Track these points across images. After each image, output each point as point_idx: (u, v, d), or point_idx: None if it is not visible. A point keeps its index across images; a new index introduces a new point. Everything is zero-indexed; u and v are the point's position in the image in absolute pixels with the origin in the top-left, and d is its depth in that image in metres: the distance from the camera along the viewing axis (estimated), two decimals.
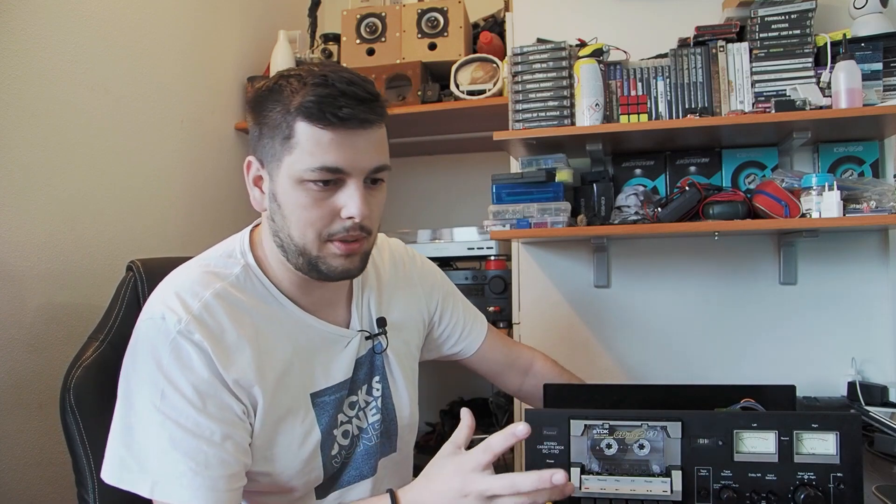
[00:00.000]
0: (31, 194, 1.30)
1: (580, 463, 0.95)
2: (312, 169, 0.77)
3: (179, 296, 0.81)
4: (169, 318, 0.79)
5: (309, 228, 0.80)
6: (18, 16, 1.28)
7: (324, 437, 0.87)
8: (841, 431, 0.90)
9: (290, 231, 0.81)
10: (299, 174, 0.78)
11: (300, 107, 0.76)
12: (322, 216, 0.80)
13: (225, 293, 0.83)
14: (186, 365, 0.77)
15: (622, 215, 1.49)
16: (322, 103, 0.75)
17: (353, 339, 0.93)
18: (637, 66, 1.54)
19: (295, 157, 0.78)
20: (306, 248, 0.81)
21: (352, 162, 0.78)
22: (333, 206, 0.80)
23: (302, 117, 0.77)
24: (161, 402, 0.76)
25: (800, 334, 1.57)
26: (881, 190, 1.31)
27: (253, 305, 0.85)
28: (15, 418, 1.24)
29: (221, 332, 0.80)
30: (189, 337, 0.78)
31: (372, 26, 1.99)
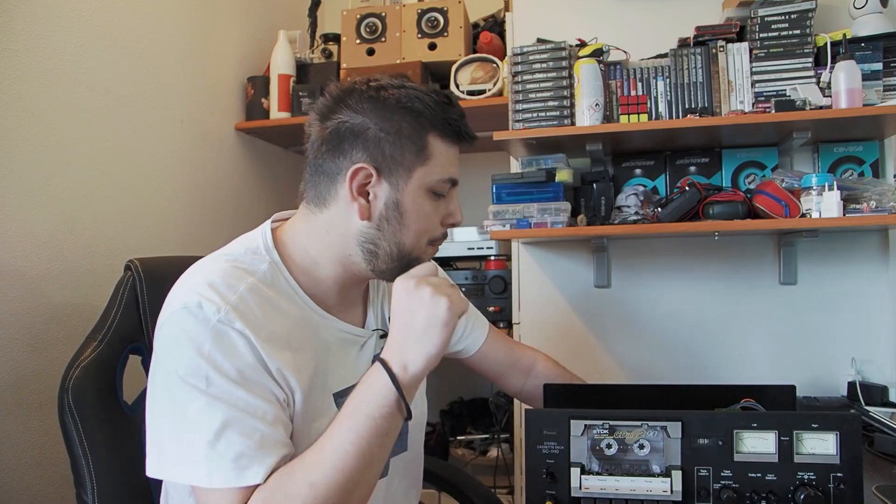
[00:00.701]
0: (31, 194, 1.30)
1: (580, 463, 0.95)
2: (444, 180, 0.86)
3: (214, 286, 0.79)
4: (207, 307, 0.76)
5: (424, 234, 0.87)
6: (18, 16, 1.29)
7: None
8: (841, 431, 0.90)
9: (403, 238, 0.85)
10: (431, 184, 0.85)
11: (438, 123, 0.85)
12: (436, 223, 0.88)
13: (256, 289, 0.82)
14: (230, 350, 0.76)
15: (622, 215, 1.49)
16: (457, 122, 0.86)
17: (370, 339, 0.94)
18: (637, 66, 1.54)
19: (429, 168, 0.85)
20: (413, 252, 0.87)
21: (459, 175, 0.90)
22: (443, 213, 0.89)
23: (438, 133, 0.85)
24: (208, 387, 0.74)
25: (800, 334, 1.57)
26: (881, 190, 1.31)
27: (280, 303, 0.84)
28: (15, 418, 1.24)
29: (258, 324, 0.79)
30: (230, 325, 0.76)
31: (372, 26, 1.99)
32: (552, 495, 0.95)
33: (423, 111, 0.83)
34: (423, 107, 0.83)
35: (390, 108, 0.82)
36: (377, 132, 0.82)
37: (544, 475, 0.96)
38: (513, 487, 1.75)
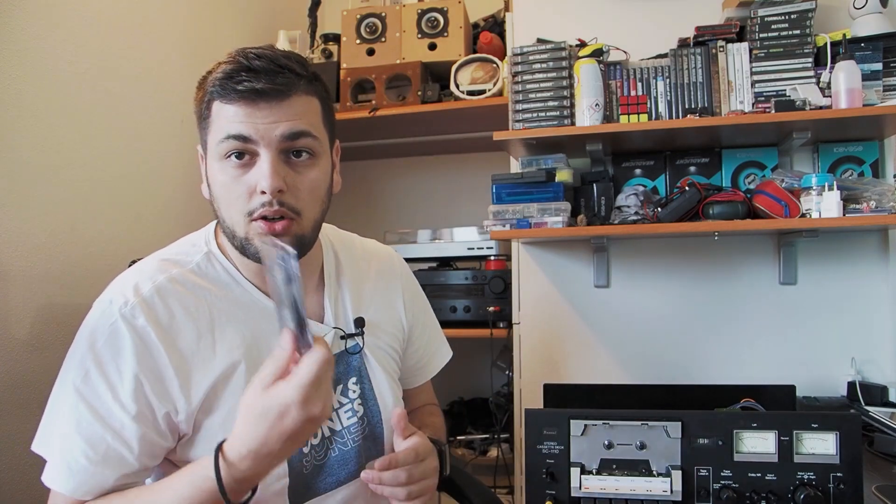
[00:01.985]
0: (31, 194, 1.30)
1: (580, 463, 0.95)
2: (220, 140, 0.78)
3: (132, 281, 0.82)
4: (115, 302, 0.80)
5: (232, 208, 0.80)
6: (18, 16, 1.28)
7: None
8: (841, 431, 0.90)
9: (222, 213, 0.82)
10: (216, 150, 0.80)
11: (211, 86, 0.79)
12: (241, 193, 0.79)
13: (181, 278, 0.84)
14: (119, 350, 0.77)
15: (622, 215, 1.49)
16: (226, 79, 0.78)
17: (327, 336, 0.91)
18: (637, 66, 1.54)
19: (212, 134, 0.81)
20: (235, 228, 0.81)
21: (257, 130, 0.77)
22: (249, 182, 0.79)
23: (213, 96, 0.79)
24: (81, 383, 0.77)
25: (800, 334, 1.57)
26: (881, 190, 1.31)
27: (212, 291, 0.84)
28: (15, 418, 1.24)
29: (170, 316, 0.80)
30: (131, 321, 0.78)
31: (372, 26, 1.99)
32: (552, 495, 0.95)
33: (207, 82, 0.81)
34: (208, 77, 0.81)
35: (197, 90, 0.84)
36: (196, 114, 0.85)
37: (544, 475, 0.96)
38: (513, 487, 1.75)
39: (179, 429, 0.81)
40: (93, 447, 0.75)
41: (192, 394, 0.80)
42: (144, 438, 0.77)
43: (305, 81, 0.81)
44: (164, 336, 0.79)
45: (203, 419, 0.81)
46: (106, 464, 0.76)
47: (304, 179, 0.81)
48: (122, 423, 0.76)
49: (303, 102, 0.81)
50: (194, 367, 0.81)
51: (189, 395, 0.80)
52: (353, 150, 2.29)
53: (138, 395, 0.77)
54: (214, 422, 0.81)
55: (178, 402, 0.79)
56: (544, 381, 1.35)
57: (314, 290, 0.94)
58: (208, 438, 0.81)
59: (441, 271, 1.94)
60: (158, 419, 0.79)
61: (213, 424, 0.81)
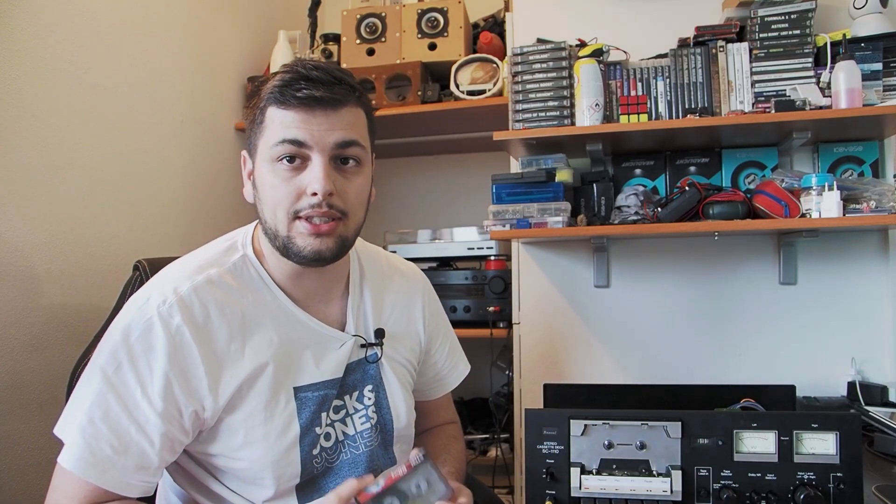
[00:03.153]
0: (31, 194, 1.30)
1: (580, 463, 0.95)
2: (276, 143, 0.81)
3: (171, 281, 0.84)
4: (153, 300, 0.82)
5: (278, 207, 0.83)
6: (18, 16, 1.29)
7: (304, 433, 0.87)
8: (841, 431, 0.90)
9: (265, 213, 0.85)
10: (269, 152, 0.82)
11: (268, 93, 0.83)
12: (289, 194, 0.82)
13: (217, 279, 0.86)
14: (152, 347, 0.79)
15: (622, 215, 1.49)
16: (284, 86, 0.81)
17: (347, 343, 0.93)
18: (637, 66, 1.54)
19: (265, 138, 0.83)
20: (278, 227, 0.83)
21: (312, 136, 0.81)
22: (299, 184, 0.82)
23: (271, 103, 0.83)
24: (113, 373, 0.78)
25: (800, 334, 1.57)
26: (881, 190, 1.31)
27: (244, 293, 0.87)
28: (15, 418, 1.24)
29: (206, 316, 0.82)
30: (167, 320, 0.80)
31: (372, 26, 1.99)
32: (552, 495, 0.95)
33: (263, 88, 0.84)
34: (265, 82, 0.85)
35: (249, 97, 0.89)
36: (245, 120, 0.88)
37: (544, 475, 0.96)
38: (513, 487, 1.75)
39: (204, 425, 0.83)
40: (118, 437, 0.77)
41: (220, 393, 0.82)
42: (167, 435, 0.79)
43: (356, 94, 0.85)
44: (199, 336, 0.81)
45: (225, 417, 0.84)
46: (128, 455, 0.78)
47: (351, 185, 0.85)
48: (147, 419, 0.78)
49: (354, 114, 0.85)
50: (224, 367, 0.83)
51: (217, 394, 0.82)
52: None
53: (167, 393, 0.79)
54: (236, 419, 0.84)
55: (205, 401, 0.81)
56: (544, 381, 1.35)
57: (339, 298, 0.96)
58: (229, 434, 0.84)
59: (441, 271, 1.94)
60: (185, 417, 0.81)
61: (235, 421, 0.84)
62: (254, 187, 0.87)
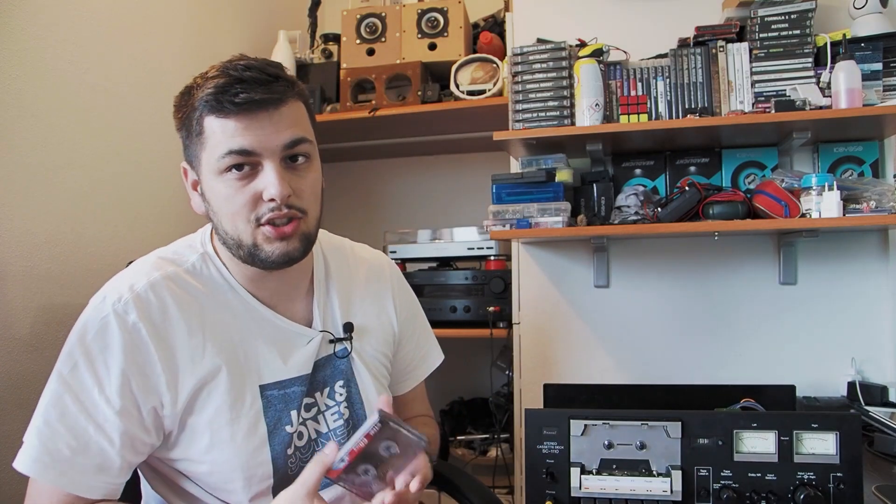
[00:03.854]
0: (31, 194, 1.30)
1: (580, 463, 0.95)
2: (221, 156, 0.78)
3: (128, 278, 0.84)
4: (109, 297, 0.81)
5: (237, 218, 0.81)
6: (18, 16, 1.28)
7: (272, 431, 0.86)
8: (841, 431, 0.90)
9: (224, 225, 0.83)
10: (215, 165, 0.80)
11: (203, 102, 0.79)
12: (245, 203, 0.80)
13: (176, 277, 0.85)
14: (107, 345, 0.79)
15: (622, 215, 1.49)
16: (219, 93, 0.77)
17: (314, 339, 0.92)
18: (637, 66, 1.54)
19: (208, 150, 0.80)
20: (241, 238, 0.82)
21: (259, 142, 0.78)
22: (254, 191, 0.80)
23: (207, 112, 0.79)
24: (69, 374, 0.78)
25: (800, 334, 1.57)
26: (881, 190, 1.31)
27: (205, 292, 0.86)
28: (15, 418, 1.24)
29: (163, 311, 0.82)
30: (123, 317, 0.79)
31: (372, 26, 1.99)
32: (552, 495, 0.95)
33: (194, 94, 0.80)
34: (195, 89, 0.80)
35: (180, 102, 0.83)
36: (178, 129, 0.85)
37: (544, 475, 0.96)
38: (513, 487, 1.75)
39: (164, 425, 0.82)
40: (75, 437, 0.77)
41: (179, 390, 0.81)
42: (127, 433, 0.78)
43: (294, 89, 0.83)
44: (156, 332, 0.80)
45: (187, 419, 0.83)
46: (87, 455, 0.77)
47: (305, 182, 0.84)
48: (105, 417, 0.78)
49: (295, 109, 0.83)
50: (183, 365, 0.82)
51: (176, 391, 0.81)
52: (353, 150, 2.29)
53: (124, 390, 0.78)
54: (198, 422, 0.83)
55: (164, 398, 0.81)
56: (544, 381, 1.35)
57: (304, 295, 0.95)
58: (192, 438, 0.83)
59: (441, 271, 1.94)
60: (144, 414, 0.80)
61: (197, 424, 0.83)
62: (205, 199, 0.84)
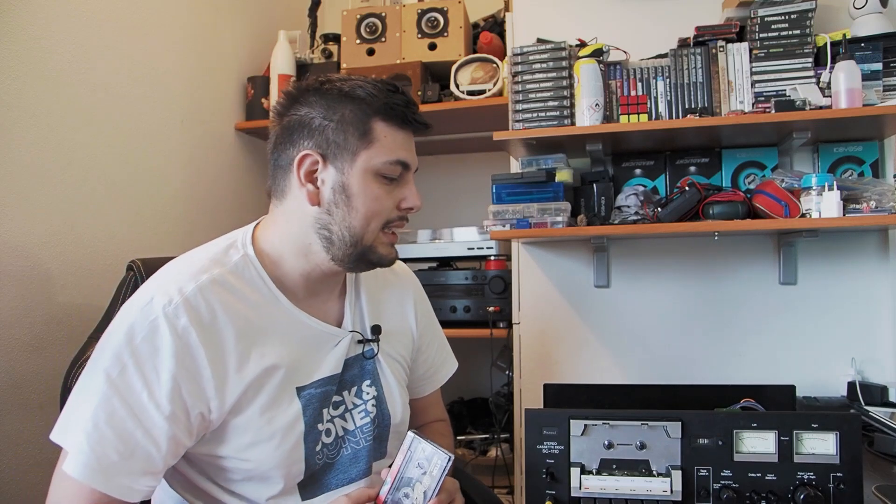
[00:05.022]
0: (31, 194, 1.30)
1: (580, 463, 0.95)
2: (391, 162, 0.87)
3: (175, 281, 0.83)
4: (157, 300, 0.80)
5: (375, 218, 0.87)
6: (18, 16, 1.29)
7: (307, 431, 0.88)
8: (841, 431, 0.90)
9: (353, 222, 0.87)
10: (377, 167, 0.86)
11: (381, 108, 0.86)
12: (389, 207, 0.88)
13: (222, 279, 0.85)
14: (157, 349, 0.78)
15: (622, 215, 1.49)
16: (403, 107, 0.87)
17: (344, 339, 0.94)
18: (637, 66, 1.54)
19: (373, 151, 0.86)
20: (365, 237, 0.87)
21: (413, 160, 0.91)
22: (396, 198, 0.89)
23: (381, 118, 0.86)
24: (118, 377, 0.77)
25: (800, 334, 1.57)
26: (881, 190, 1.31)
27: (248, 295, 0.87)
28: (15, 418, 1.24)
29: (212, 316, 0.82)
30: (173, 321, 0.79)
31: (372, 26, 1.99)
32: (552, 495, 0.95)
33: (365, 97, 0.86)
34: (365, 94, 0.86)
35: (333, 98, 0.87)
36: (321, 121, 0.86)
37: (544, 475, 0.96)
38: (513, 487, 1.75)
39: (209, 427, 0.83)
40: (123, 442, 0.76)
41: (227, 395, 0.82)
42: (174, 439, 0.78)
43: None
44: (206, 337, 0.80)
45: (231, 419, 0.83)
46: (133, 460, 0.76)
47: None
48: (153, 423, 0.77)
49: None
50: (231, 369, 0.82)
51: (224, 395, 0.81)
52: None
53: (174, 395, 0.78)
54: (242, 420, 0.83)
55: (211, 403, 0.81)
56: (544, 381, 1.35)
57: (337, 296, 0.98)
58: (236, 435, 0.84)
59: (441, 271, 1.94)
60: (191, 419, 0.80)
61: (241, 422, 0.83)
62: (341, 193, 0.86)
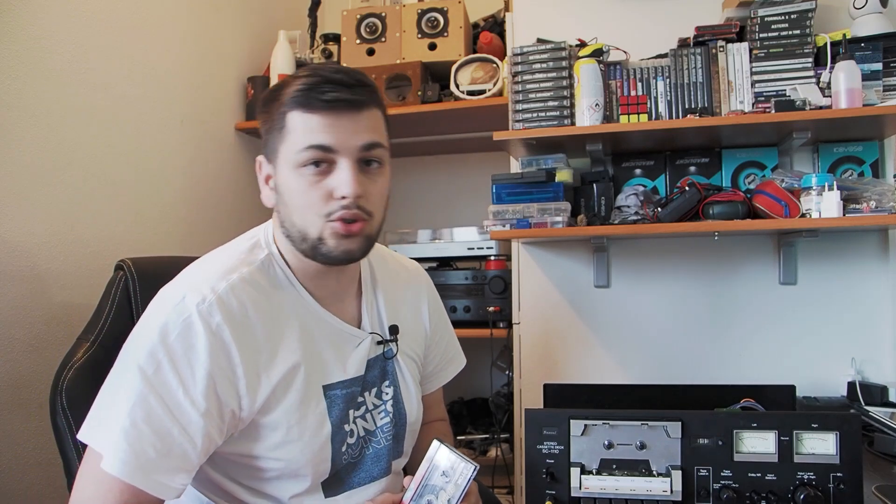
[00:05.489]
0: (31, 194, 1.30)
1: (580, 463, 0.95)
2: (301, 149, 0.81)
3: (206, 280, 0.83)
4: (190, 298, 0.80)
5: (308, 211, 0.83)
6: (18, 16, 1.29)
7: (335, 430, 0.89)
8: (841, 431, 0.90)
9: (293, 217, 0.84)
10: (293, 158, 0.82)
11: (290, 98, 0.82)
12: (319, 198, 0.82)
13: (251, 277, 0.86)
14: (192, 346, 0.78)
15: (622, 215, 1.49)
16: (308, 90, 0.81)
17: (365, 340, 0.95)
18: (637, 66, 1.54)
19: (288, 144, 0.83)
20: (308, 230, 0.84)
21: (339, 141, 0.82)
22: (328, 187, 0.83)
23: (293, 107, 0.82)
24: (153, 374, 0.77)
25: (800, 334, 1.57)
26: (881, 190, 1.31)
27: (274, 292, 0.88)
28: (15, 418, 1.24)
29: (244, 314, 0.83)
30: (207, 319, 0.79)
31: (372, 26, 1.99)
32: (552, 495, 0.95)
33: (282, 91, 0.84)
34: (284, 87, 0.84)
35: (267, 101, 0.87)
36: (262, 126, 0.88)
37: (544, 475, 0.96)
38: (513, 487, 1.75)
39: (238, 425, 0.83)
40: (161, 439, 0.76)
41: (258, 393, 0.82)
42: (208, 436, 0.79)
43: (375, 94, 0.86)
44: (238, 335, 0.81)
45: (260, 418, 0.84)
46: (170, 457, 0.76)
47: (375, 186, 0.86)
48: (190, 420, 0.77)
49: (374, 115, 0.86)
50: (261, 368, 0.83)
51: (255, 393, 0.82)
52: None
53: (209, 392, 0.78)
54: (271, 419, 0.84)
55: (243, 401, 0.81)
56: (544, 381, 1.35)
57: (354, 297, 0.98)
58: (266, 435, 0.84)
59: (441, 271, 1.94)
60: (224, 416, 0.80)
61: (271, 421, 0.84)
62: (277, 192, 0.86)
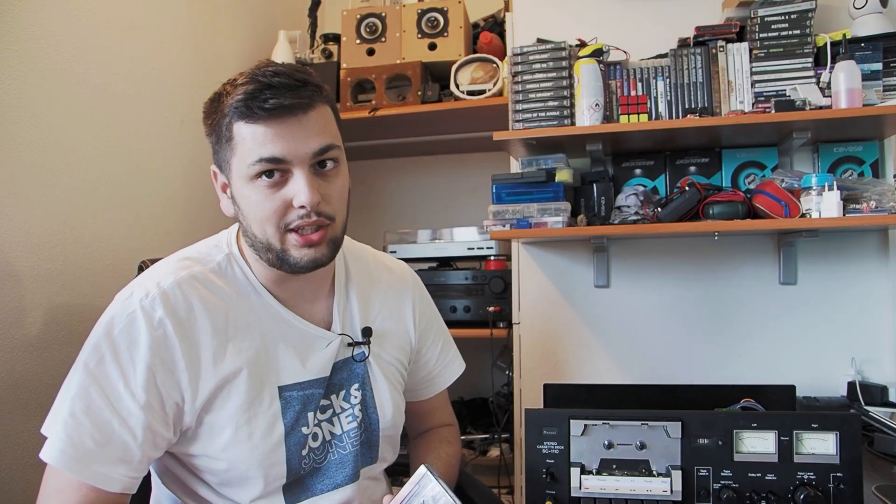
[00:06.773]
0: (31, 194, 1.30)
1: (580, 463, 0.95)
2: (252, 163, 0.79)
3: (155, 276, 0.85)
4: (136, 294, 0.82)
5: (266, 223, 0.81)
6: (18, 16, 1.28)
7: (289, 432, 0.87)
8: (841, 431, 0.90)
9: (253, 229, 0.83)
10: (245, 171, 0.80)
11: (232, 108, 0.79)
12: (276, 209, 0.80)
13: (202, 276, 0.86)
14: (134, 340, 0.79)
15: (622, 215, 1.49)
16: (249, 99, 0.77)
17: (333, 342, 0.93)
18: (637, 66, 1.54)
19: (238, 157, 0.81)
20: (270, 242, 0.83)
21: (290, 150, 0.79)
22: (284, 197, 0.80)
23: (237, 117, 0.79)
24: (95, 367, 0.78)
25: (800, 334, 1.57)
26: (881, 190, 1.31)
27: (229, 293, 0.87)
28: (15, 418, 1.24)
29: (188, 309, 0.83)
30: (150, 313, 0.80)
31: (372, 26, 1.99)
32: (552, 495, 0.95)
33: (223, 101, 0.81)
34: (224, 95, 0.81)
35: (209, 109, 0.85)
36: (207, 135, 0.86)
37: (544, 475, 0.96)
38: (513, 487, 1.75)
39: (183, 421, 0.83)
40: (100, 430, 0.77)
41: (200, 388, 0.82)
42: (150, 428, 0.79)
43: (321, 92, 0.83)
44: (181, 329, 0.81)
45: (205, 416, 0.84)
46: (110, 448, 0.77)
47: (333, 187, 0.84)
48: (129, 412, 0.78)
49: (323, 114, 0.83)
50: (205, 363, 0.83)
51: (197, 388, 0.82)
52: (353, 150, 2.27)
53: (149, 385, 0.79)
54: (219, 418, 0.84)
55: (185, 394, 0.82)
56: (544, 381, 1.35)
57: (325, 297, 0.96)
58: (210, 436, 0.84)
59: (441, 271, 1.94)
60: (166, 409, 0.81)
61: (216, 422, 0.84)
62: (235, 203, 0.85)
